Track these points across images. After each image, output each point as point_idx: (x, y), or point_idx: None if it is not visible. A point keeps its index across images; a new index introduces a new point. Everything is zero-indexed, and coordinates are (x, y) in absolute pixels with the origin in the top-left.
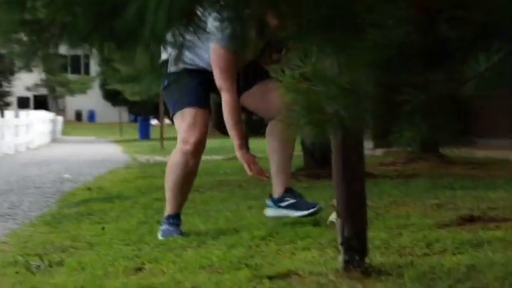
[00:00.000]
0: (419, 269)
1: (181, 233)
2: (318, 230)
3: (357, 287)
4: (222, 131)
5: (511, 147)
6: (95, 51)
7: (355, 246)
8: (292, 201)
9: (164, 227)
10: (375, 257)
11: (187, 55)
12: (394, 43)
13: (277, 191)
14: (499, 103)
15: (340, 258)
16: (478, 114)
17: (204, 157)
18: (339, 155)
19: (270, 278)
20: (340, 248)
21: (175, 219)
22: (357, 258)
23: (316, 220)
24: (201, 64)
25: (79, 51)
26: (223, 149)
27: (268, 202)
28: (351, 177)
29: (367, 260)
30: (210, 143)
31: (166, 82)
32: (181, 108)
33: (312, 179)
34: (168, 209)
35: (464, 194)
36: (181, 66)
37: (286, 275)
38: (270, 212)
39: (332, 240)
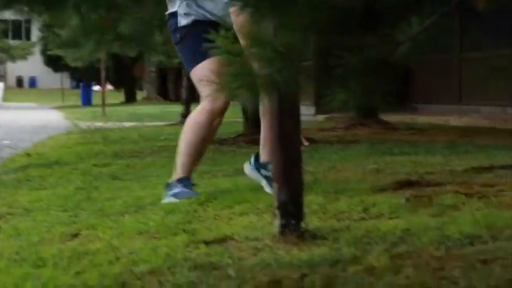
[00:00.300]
0: (355, 233)
1: (198, 193)
2: (256, 195)
3: (293, 251)
4: (165, 97)
5: (451, 112)
6: (31, 14)
7: (291, 210)
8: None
9: (177, 190)
10: (311, 222)
11: (195, 8)
12: (330, 6)
13: (263, 156)
14: (440, 69)
15: (277, 222)
16: (419, 81)
17: (145, 123)
18: (274, 119)
19: (207, 243)
20: (277, 212)
21: (188, 180)
22: (293, 222)
23: (254, 185)
24: (209, 16)
25: (20, 16)
26: (166, 115)
27: (252, 160)
28: (287, 142)
29: (303, 225)
30: (152, 108)
31: (178, 36)
32: (206, 58)
33: (251, 144)
34: (180, 172)
35: (404, 159)
36: (192, 18)
37: (222, 240)
38: (248, 168)
39: (269, 205)
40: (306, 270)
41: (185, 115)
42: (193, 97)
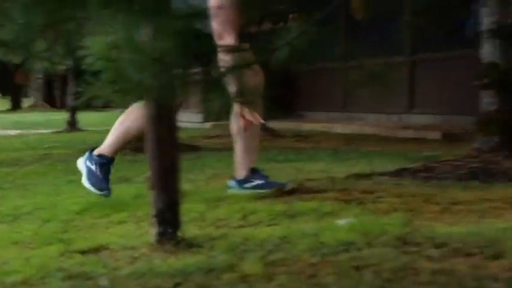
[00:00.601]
0: (232, 240)
1: (109, 191)
2: (136, 203)
3: (169, 260)
4: (52, 104)
5: (336, 119)
6: None
7: (168, 218)
8: (258, 182)
9: (93, 167)
10: (190, 230)
11: None
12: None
13: (241, 172)
14: (325, 77)
15: (154, 231)
16: (305, 88)
17: (31, 130)
18: (151, 126)
19: (82, 252)
20: (154, 220)
21: (108, 165)
22: (170, 230)
23: (134, 193)
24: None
25: None
26: (52, 123)
27: (231, 183)
28: (164, 149)
29: (180, 233)
30: (38, 116)
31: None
32: None
33: (136, 152)
34: (107, 150)
35: (287, 166)
36: None
37: (98, 249)
38: (234, 191)
39: (149, 213)
40: (179, 279)
41: (71, 123)
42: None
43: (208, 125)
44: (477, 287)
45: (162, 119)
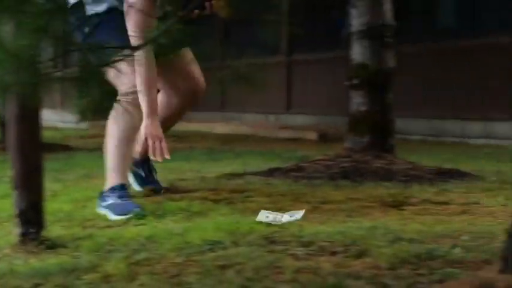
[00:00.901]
0: (97, 240)
1: (140, 207)
2: (0, 203)
3: (31, 261)
4: None
5: (215, 119)
6: None
7: (31, 218)
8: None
9: (112, 200)
10: (55, 230)
11: None
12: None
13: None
14: (204, 77)
15: (17, 231)
16: None
17: None
18: (14, 126)
19: None
20: (17, 221)
21: (124, 190)
22: (33, 231)
23: (0, 193)
24: (119, 5)
25: None
26: None
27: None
28: (27, 147)
29: (43, 233)
30: None
31: (86, 29)
32: None
33: (5, 151)
34: (114, 180)
35: (160, 165)
36: (106, 5)
37: None
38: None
39: (12, 214)
40: (39, 280)
41: None
42: None
43: (84, 125)
44: (338, 284)
45: (25, 118)
